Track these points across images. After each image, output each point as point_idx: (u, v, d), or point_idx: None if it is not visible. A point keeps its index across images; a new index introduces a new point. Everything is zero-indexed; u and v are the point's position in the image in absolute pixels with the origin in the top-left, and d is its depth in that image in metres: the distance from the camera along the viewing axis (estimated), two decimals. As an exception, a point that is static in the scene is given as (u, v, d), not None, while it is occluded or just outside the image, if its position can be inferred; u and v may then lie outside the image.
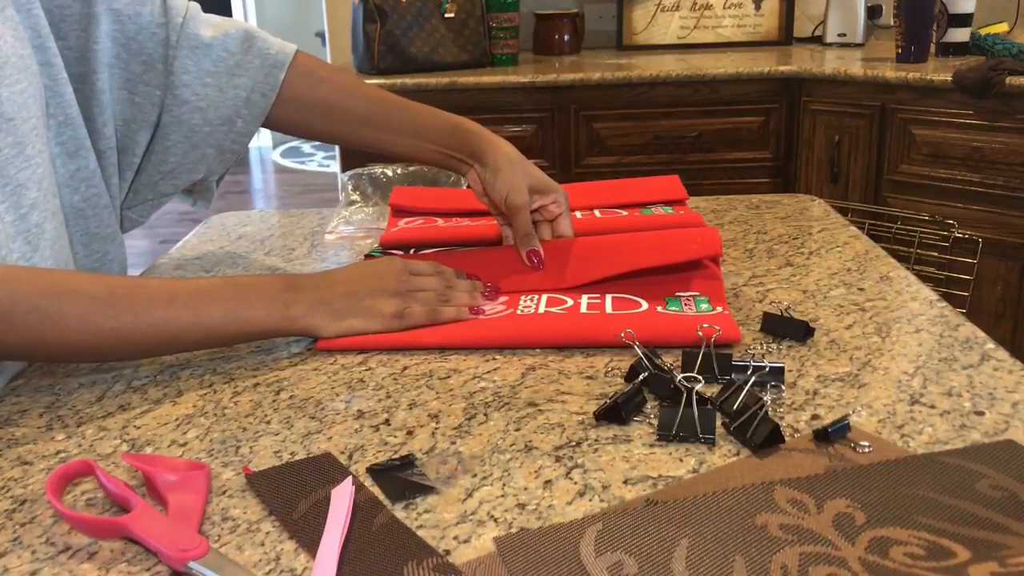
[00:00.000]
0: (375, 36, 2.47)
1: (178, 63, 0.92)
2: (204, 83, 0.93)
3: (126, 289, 0.73)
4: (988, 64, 2.04)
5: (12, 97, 0.78)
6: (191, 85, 0.93)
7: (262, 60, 0.96)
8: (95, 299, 0.71)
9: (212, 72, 0.93)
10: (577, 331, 0.79)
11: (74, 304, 0.70)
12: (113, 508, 0.57)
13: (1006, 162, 2.05)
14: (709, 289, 0.86)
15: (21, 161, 0.78)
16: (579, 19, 2.83)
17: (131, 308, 0.72)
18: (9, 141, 0.77)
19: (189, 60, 0.92)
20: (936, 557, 0.49)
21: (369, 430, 0.66)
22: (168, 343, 0.74)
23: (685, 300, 0.84)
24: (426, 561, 0.51)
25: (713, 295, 0.85)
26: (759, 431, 0.61)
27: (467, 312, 0.83)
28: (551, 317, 0.82)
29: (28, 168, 0.79)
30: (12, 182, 0.77)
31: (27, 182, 0.78)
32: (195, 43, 0.92)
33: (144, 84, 0.91)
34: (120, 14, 0.89)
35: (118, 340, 0.72)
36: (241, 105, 0.95)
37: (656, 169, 2.39)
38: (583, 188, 1.18)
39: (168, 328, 0.73)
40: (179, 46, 0.92)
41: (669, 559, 0.50)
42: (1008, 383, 0.70)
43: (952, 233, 2.13)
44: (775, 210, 1.19)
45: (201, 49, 0.93)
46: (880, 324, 0.82)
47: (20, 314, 0.67)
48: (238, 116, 0.96)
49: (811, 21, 2.88)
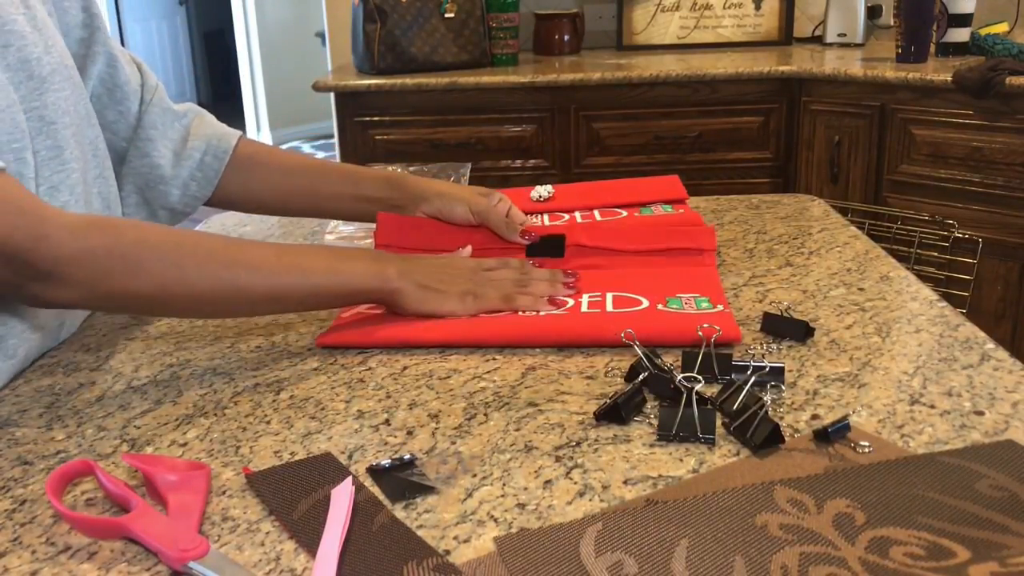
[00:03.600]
0: (375, 36, 2.47)
1: (147, 119, 0.96)
2: (165, 144, 0.97)
3: (238, 245, 0.78)
4: (988, 64, 2.04)
5: (56, 103, 0.81)
6: (155, 141, 0.96)
7: (214, 130, 1.01)
8: (213, 252, 0.75)
9: (172, 137, 0.97)
10: (578, 330, 0.79)
11: (194, 255, 0.74)
12: (113, 508, 0.58)
13: (1006, 162, 2.05)
14: (709, 290, 0.86)
15: (57, 164, 0.81)
16: (579, 19, 2.83)
17: (245, 262, 0.76)
18: (48, 144, 0.80)
19: (158, 119, 0.96)
20: (936, 557, 0.49)
21: (369, 430, 0.66)
22: (278, 297, 0.78)
23: (685, 300, 0.85)
24: (426, 561, 0.51)
25: (713, 296, 0.85)
26: (759, 431, 0.61)
27: (544, 302, 0.85)
28: (552, 317, 0.82)
29: (63, 171, 0.81)
30: (46, 183, 0.79)
31: (60, 184, 0.81)
32: (165, 106, 0.98)
33: (112, 132, 0.94)
34: (114, 60, 0.93)
35: (235, 293, 0.75)
36: (195, 168, 0.98)
37: (656, 169, 2.39)
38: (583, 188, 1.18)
39: (279, 283, 0.77)
40: (152, 104, 0.96)
41: (669, 559, 0.50)
42: (1008, 383, 0.70)
43: (952, 233, 2.13)
44: (775, 210, 1.19)
45: (169, 112, 0.98)
46: (880, 324, 0.82)
47: (148, 260, 0.72)
48: (192, 179, 0.98)
49: (811, 21, 2.88)
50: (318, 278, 0.78)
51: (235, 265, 0.75)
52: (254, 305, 0.78)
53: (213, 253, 0.75)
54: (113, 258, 0.71)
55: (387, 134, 2.46)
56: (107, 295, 0.73)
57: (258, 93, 6.71)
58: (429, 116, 2.45)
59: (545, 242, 0.97)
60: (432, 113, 2.44)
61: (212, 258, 0.75)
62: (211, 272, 0.74)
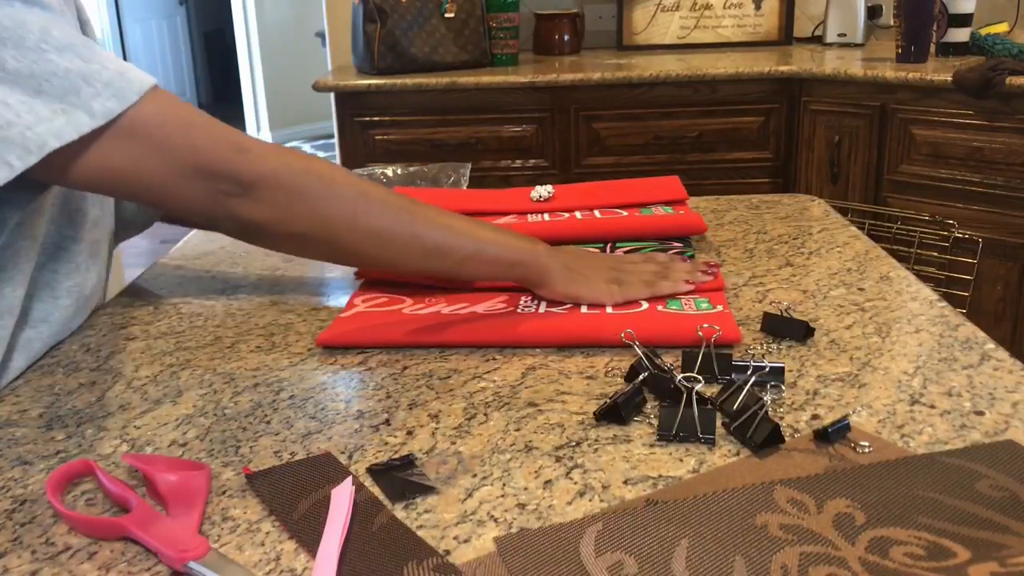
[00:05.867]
0: (375, 36, 2.47)
1: None
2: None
3: (414, 200, 0.80)
4: (988, 64, 2.04)
5: None
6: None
7: None
8: (392, 196, 0.79)
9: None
10: (578, 331, 0.79)
11: (378, 193, 0.78)
12: (113, 508, 0.57)
13: (1006, 162, 2.05)
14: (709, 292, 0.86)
15: None
16: (579, 19, 2.83)
17: (422, 214, 0.79)
18: None
19: None
20: (936, 557, 0.49)
21: (369, 430, 0.66)
22: (446, 252, 0.80)
23: (685, 300, 0.85)
24: (426, 561, 0.51)
25: (712, 297, 0.85)
26: (759, 431, 0.61)
27: (685, 286, 0.86)
28: (552, 317, 0.82)
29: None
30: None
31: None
32: None
33: None
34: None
35: (410, 237, 0.78)
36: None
37: (656, 169, 2.39)
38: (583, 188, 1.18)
39: (450, 239, 0.80)
40: None
41: (669, 559, 0.50)
42: (1008, 383, 0.70)
43: (952, 233, 2.13)
44: (775, 210, 1.19)
45: None
46: (880, 324, 0.82)
47: (341, 184, 0.76)
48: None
49: (811, 21, 2.88)
50: (483, 244, 0.81)
51: (413, 212, 0.78)
52: (424, 255, 0.80)
53: (393, 196, 0.79)
54: (310, 175, 0.74)
55: (387, 134, 2.46)
56: (300, 215, 0.75)
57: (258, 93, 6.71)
58: (429, 116, 2.45)
59: None
60: (432, 113, 2.44)
61: (393, 199, 0.78)
62: (393, 211, 0.77)
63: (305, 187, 0.74)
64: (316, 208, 0.75)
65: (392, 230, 0.77)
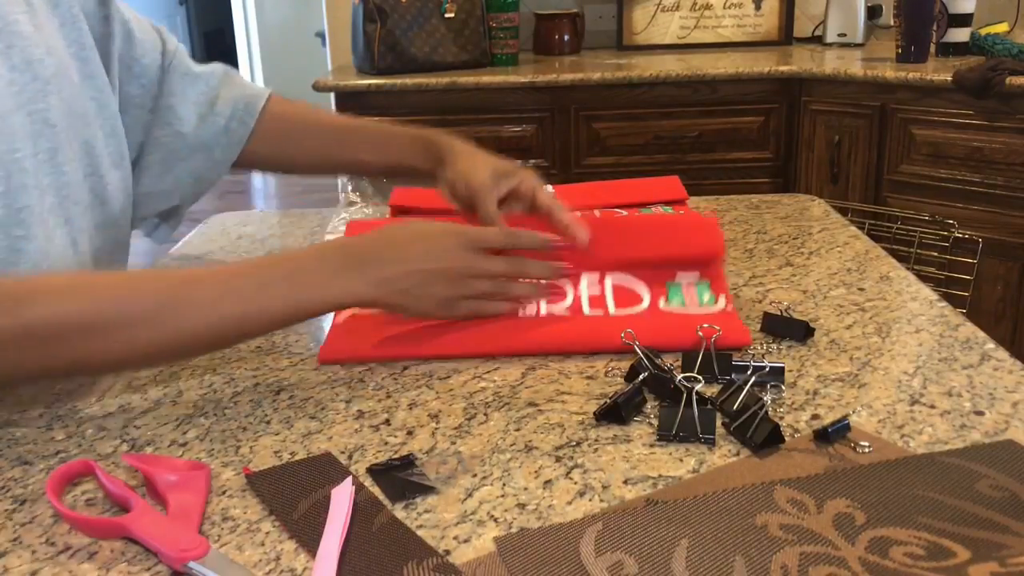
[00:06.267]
0: (375, 36, 2.47)
1: (166, 87, 0.95)
2: (188, 109, 0.96)
3: (184, 289, 0.69)
4: (988, 64, 2.04)
5: (59, 104, 0.81)
6: (175, 108, 0.95)
7: (242, 92, 0.99)
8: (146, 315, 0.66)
9: (196, 100, 0.96)
10: (582, 340, 0.79)
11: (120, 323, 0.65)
12: (113, 508, 0.57)
13: (1006, 162, 2.05)
14: (710, 271, 0.85)
15: (50, 167, 0.80)
16: (579, 19, 2.82)
17: (190, 312, 0.67)
18: (47, 147, 0.79)
19: (178, 85, 0.95)
20: (936, 557, 0.49)
21: (369, 430, 0.66)
22: (231, 340, 0.74)
23: (686, 287, 0.84)
24: (426, 561, 0.51)
25: (714, 279, 0.84)
26: (759, 431, 0.61)
27: (518, 307, 0.81)
28: (553, 323, 0.81)
29: (55, 173, 0.81)
30: (38, 188, 0.79)
31: (48, 187, 0.80)
32: (184, 70, 0.96)
33: (136, 107, 0.93)
34: (129, 34, 0.92)
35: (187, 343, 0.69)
36: (220, 133, 0.97)
37: (656, 169, 2.38)
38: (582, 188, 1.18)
39: (230, 326, 0.69)
40: (171, 70, 0.95)
41: (669, 559, 0.50)
42: (1008, 383, 0.70)
43: (952, 233, 2.13)
44: (775, 210, 1.19)
45: (189, 76, 0.96)
46: (880, 324, 0.82)
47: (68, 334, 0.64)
48: (216, 144, 0.98)
49: (811, 21, 2.88)
50: (274, 312, 0.70)
51: (182, 319, 0.67)
52: (207, 350, 0.74)
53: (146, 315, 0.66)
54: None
55: (387, 134, 2.46)
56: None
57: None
58: (429, 116, 2.45)
59: None
60: (432, 113, 2.44)
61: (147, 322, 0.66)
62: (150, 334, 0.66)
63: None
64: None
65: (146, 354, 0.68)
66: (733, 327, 0.77)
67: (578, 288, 0.85)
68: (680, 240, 0.87)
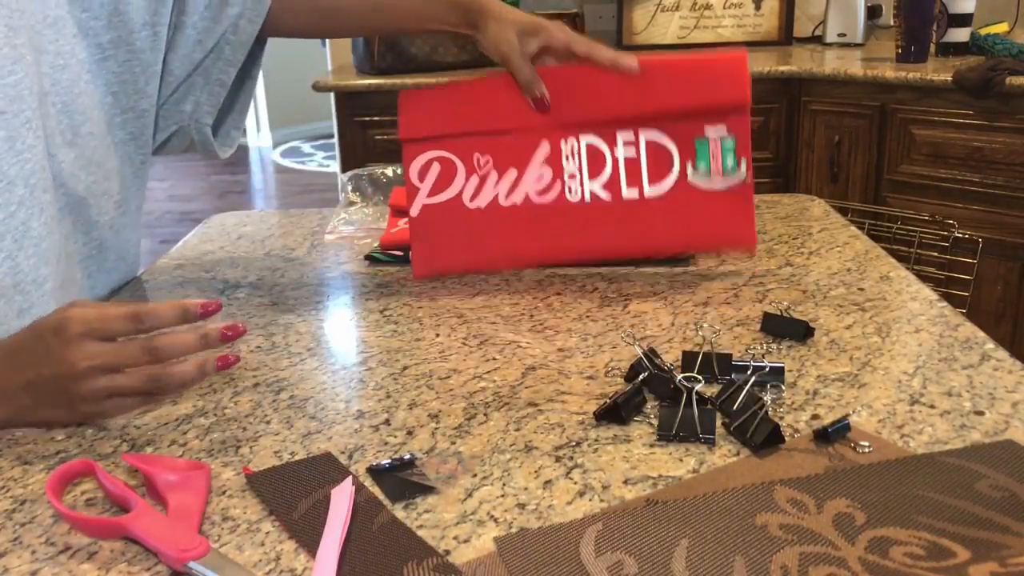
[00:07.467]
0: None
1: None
2: (202, 15, 0.95)
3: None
4: (988, 64, 2.04)
5: (5, 90, 0.76)
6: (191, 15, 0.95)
7: None
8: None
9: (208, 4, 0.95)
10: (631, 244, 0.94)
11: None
12: (113, 508, 0.57)
13: (1006, 162, 2.05)
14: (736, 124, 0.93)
15: (12, 156, 0.77)
16: (579, 19, 2.82)
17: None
18: (1, 136, 0.76)
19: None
20: (936, 557, 0.49)
21: (369, 430, 0.66)
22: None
23: (713, 142, 0.89)
24: (426, 561, 0.51)
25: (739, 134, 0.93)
26: (759, 431, 0.61)
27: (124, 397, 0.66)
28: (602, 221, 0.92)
29: (18, 163, 0.78)
30: (4, 178, 0.76)
31: (16, 178, 0.77)
32: None
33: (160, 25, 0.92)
34: None
35: None
36: (229, 32, 0.97)
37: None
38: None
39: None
40: None
41: (669, 559, 0.50)
42: (1008, 383, 0.70)
43: (952, 233, 2.13)
44: (775, 210, 1.19)
45: None
46: (880, 324, 0.82)
47: None
48: (226, 43, 0.97)
49: (811, 21, 2.88)
50: None
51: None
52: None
53: None
54: None
55: (387, 134, 2.46)
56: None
57: (258, 93, 6.71)
58: (429, 116, 2.44)
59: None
60: (432, 113, 2.44)
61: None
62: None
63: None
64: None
65: None
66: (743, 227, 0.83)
67: (615, 150, 0.87)
68: (707, 88, 0.92)
